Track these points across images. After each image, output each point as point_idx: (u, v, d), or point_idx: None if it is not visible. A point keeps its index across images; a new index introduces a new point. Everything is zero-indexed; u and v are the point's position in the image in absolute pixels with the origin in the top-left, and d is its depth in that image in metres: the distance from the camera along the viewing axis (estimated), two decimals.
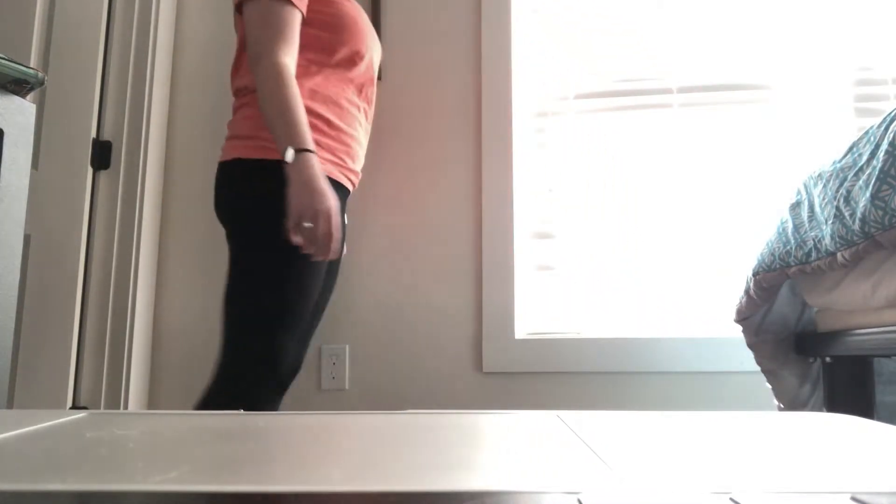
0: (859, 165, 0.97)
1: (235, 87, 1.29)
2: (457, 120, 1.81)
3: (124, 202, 1.79)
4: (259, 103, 1.13)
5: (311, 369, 1.77)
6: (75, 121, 1.77)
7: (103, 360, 1.73)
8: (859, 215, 0.94)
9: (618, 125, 1.82)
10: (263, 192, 1.16)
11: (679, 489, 0.31)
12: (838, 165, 1.04)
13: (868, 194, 0.92)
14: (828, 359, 1.23)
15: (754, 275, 1.23)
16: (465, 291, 1.75)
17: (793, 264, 1.13)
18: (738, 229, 1.74)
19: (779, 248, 1.17)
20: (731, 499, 0.29)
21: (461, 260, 1.76)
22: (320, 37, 1.24)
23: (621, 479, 0.33)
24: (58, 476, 0.34)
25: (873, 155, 0.94)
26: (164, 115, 1.90)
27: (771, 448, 0.42)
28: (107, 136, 1.81)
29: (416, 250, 1.78)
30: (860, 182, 0.95)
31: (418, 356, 1.74)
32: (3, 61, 0.96)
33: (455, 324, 1.74)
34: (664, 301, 1.74)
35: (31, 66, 1.62)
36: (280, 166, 1.13)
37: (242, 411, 0.58)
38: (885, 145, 0.91)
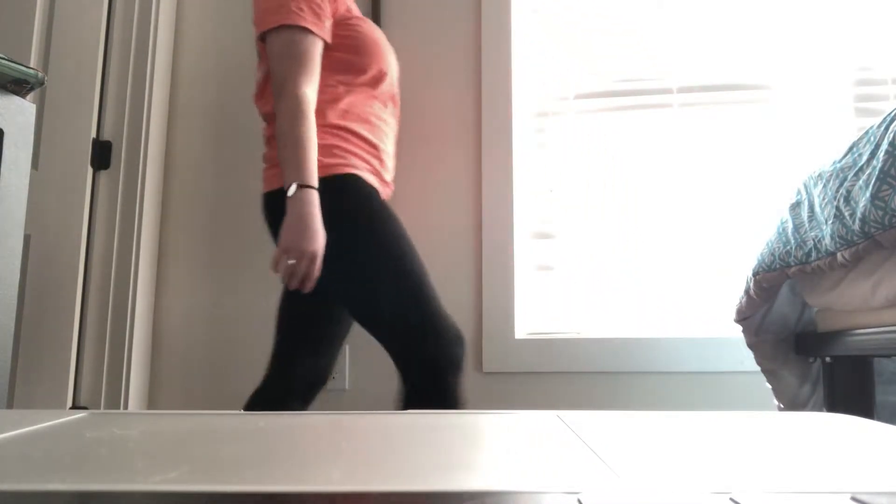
0: (859, 165, 0.97)
1: (264, 111, 1.33)
2: (457, 120, 1.81)
3: (124, 202, 1.79)
4: (276, 131, 1.19)
5: None
6: (75, 121, 1.77)
7: (103, 360, 1.73)
8: (859, 215, 0.94)
9: (618, 125, 1.82)
10: (328, 212, 1.19)
11: (679, 489, 0.31)
12: (838, 165, 1.04)
13: (868, 194, 0.92)
14: (828, 359, 1.23)
15: (754, 275, 1.23)
16: (465, 291, 1.75)
17: (793, 264, 1.13)
18: (738, 229, 1.74)
19: (779, 248, 1.17)
20: (731, 499, 0.29)
21: (461, 260, 1.76)
22: (347, 59, 1.28)
23: (621, 479, 0.33)
24: (58, 476, 0.34)
25: (873, 155, 0.94)
26: (164, 115, 1.90)
27: (771, 448, 0.42)
28: (107, 136, 1.81)
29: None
30: (860, 182, 0.95)
31: None
32: (3, 61, 0.96)
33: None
34: (664, 301, 1.74)
35: (31, 66, 1.62)
36: (325, 182, 1.18)
37: (243, 411, 0.58)
38: (885, 145, 0.91)
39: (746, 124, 1.78)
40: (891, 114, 0.94)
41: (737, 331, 1.34)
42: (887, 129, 0.92)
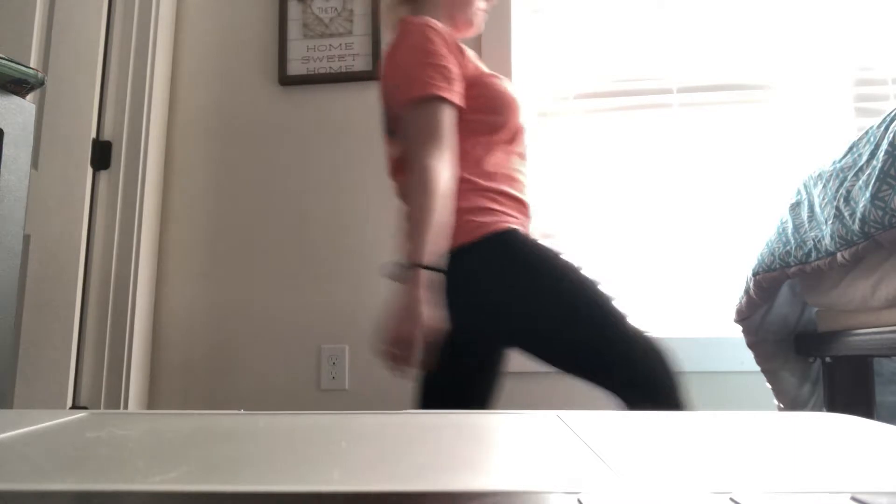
0: (859, 165, 0.97)
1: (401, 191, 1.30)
2: None
3: (124, 202, 1.79)
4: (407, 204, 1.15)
5: (311, 369, 1.77)
6: (75, 121, 1.77)
7: (103, 360, 1.73)
8: (859, 215, 0.94)
9: (618, 125, 1.82)
10: (499, 267, 1.15)
11: (679, 489, 0.31)
12: (838, 165, 1.04)
13: (868, 194, 0.92)
14: (828, 359, 1.23)
15: (754, 275, 1.23)
16: None
17: (793, 264, 1.13)
18: (738, 229, 1.74)
19: (779, 248, 1.17)
20: (731, 499, 0.29)
21: None
22: (486, 120, 1.25)
23: (621, 479, 0.33)
24: (58, 476, 0.34)
25: (873, 155, 0.94)
26: (164, 115, 1.90)
27: (771, 448, 0.42)
28: (107, 136, 1.81)
29: None
30: (860, 182, 0.95)
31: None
32: (3, 61, 0.96)
33: None
34: (664, 301, 1.74)
35: (31, 66, 1.62)
36: (486, 240, 1.14)
37: (243, 411, 0.58)
38: (885, 145, 0.91)
39: (746, 124, 1.78)
40: (891, 114, 0.94)
41: (737, 331, 1.34)
42: (887, 129, 0.92)
